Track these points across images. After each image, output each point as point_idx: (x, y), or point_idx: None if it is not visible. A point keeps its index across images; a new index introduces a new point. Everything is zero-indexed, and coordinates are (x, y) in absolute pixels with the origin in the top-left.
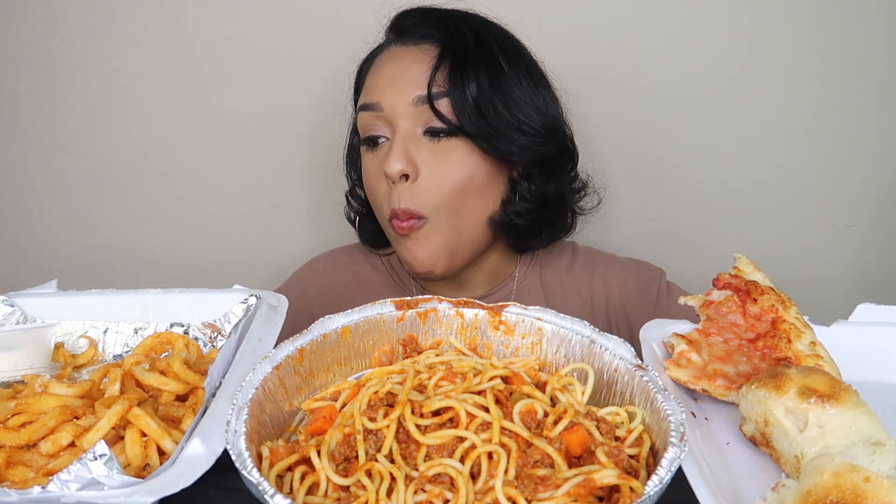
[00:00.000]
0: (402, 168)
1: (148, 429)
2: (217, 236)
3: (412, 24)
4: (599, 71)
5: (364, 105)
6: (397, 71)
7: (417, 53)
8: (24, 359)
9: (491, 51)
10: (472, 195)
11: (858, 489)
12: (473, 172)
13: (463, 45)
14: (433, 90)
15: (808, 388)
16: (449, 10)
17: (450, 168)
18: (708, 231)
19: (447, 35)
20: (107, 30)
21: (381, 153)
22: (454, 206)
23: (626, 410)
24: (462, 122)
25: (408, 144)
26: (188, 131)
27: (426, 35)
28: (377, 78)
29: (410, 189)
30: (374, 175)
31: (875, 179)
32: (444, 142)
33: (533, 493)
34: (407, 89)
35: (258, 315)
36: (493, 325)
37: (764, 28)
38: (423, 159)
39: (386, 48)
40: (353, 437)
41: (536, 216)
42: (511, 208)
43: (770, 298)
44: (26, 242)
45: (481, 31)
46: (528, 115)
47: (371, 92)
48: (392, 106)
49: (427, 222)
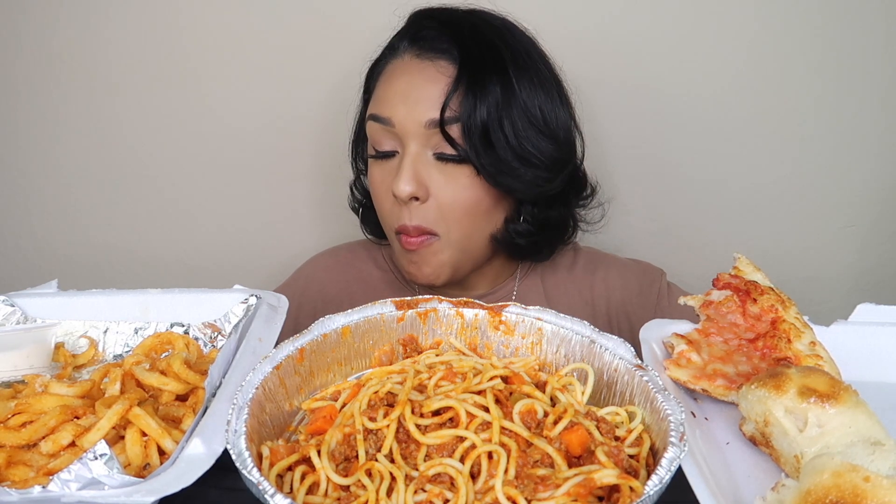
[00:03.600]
0: (411, 191)
1: (148, 428)
2: (217, 236)
3: (430, 35)
4: (600, 71)
5: (375, 116)
6: (411, 88)
7: (433, 71)
8: (25, 359)
9: (506, 70)
10: (480, 216)
11: (858, 489)
12: (482, 196)
13: (478, 67)
14: (446, 114)
15: (808, 388)
16: (467, 16)
17: (458, 191)
18: (708, 231)
19: (464, 53)
20: (108, 30)
21: (389, 166)
22: (462, 227)
23: (625, 410)
24: (469, 154)
25: (417, 165)
26: (189, 131)
27: (443, 50)
28: (389, 90)
29: (420, 208)
30: (380, 185)
31: (875, 179)
32: (454, 166)
33: (533, 493)
34: (420, 110)
35: (258, 315)
36: (493, 325)
37: (764, 28)
38: (432, 180)
39: (400, 55)
40: (354, 437)
41: (538, 238)
42: (513, 227)
43: (770, 298)
44: (26, 242)
45: (497, 44)
46: (537, 146)
47: (383, 104)
48: (403, 124)
49: (437, 239)
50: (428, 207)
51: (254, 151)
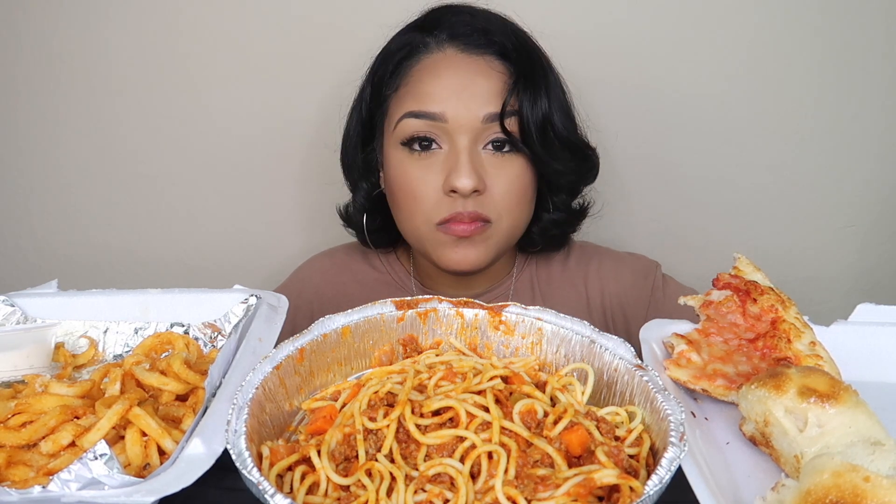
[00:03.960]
0: (474, 184)
1: (148, 428)
2: (217, 236)
3: (467, 31)
4: (600, 70)
5: (420, 113)
6: (463, 83)
7: (482, 66)
8: (25, 359)
9: (549, 65)
10: (527, 205)
11: (858, 489)
12: (529, 185)
13: (528, 61)
14: (506, 108)
15: (808, 388)
16: (489, 13)
17: (511, 180)
18: (708, 231)
19: (508, 48)
20: (108, 30)
21: (431, 161)
22: (513, 215)
23: (625, 410)
24: (527, 142)
25: (473, 158)
26: (189, 132)
27: (486, 45)
28: (436, 86)
29: (476, 198)
30: (420, 182)
31: (875, 180)
32: (505, 157)
33: (533, 493)
34: (476, 105)
35: (258, 315)
36: (493, 325)
37: (764, 28)
38: (486, 172)
39: (440, 50)
40: (354, 437)
41: (567, 226)
42: (549, 216)
43: (770, 298)
44: (26, 242)
45: (533, 41)
46: (576, 135)
47: (430, 100)
48: (457, 119)
49: (490, 226)
50: (482, 198)
51: (254, 152)
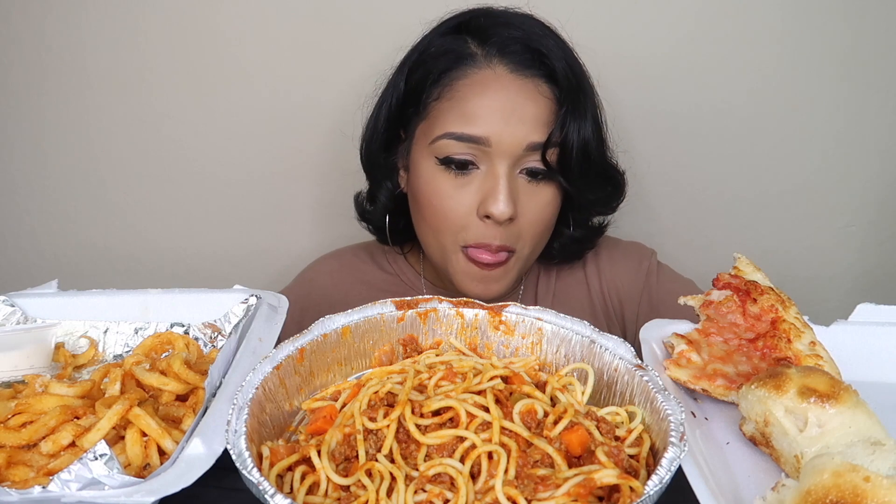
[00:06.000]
0: (511, 213)
1: (148, 429)
2: (218, 236)
3: (518, 49)
4: (600, 71)
5: (463, 136)
6: (512, 106)
7: (531, 89)
8: (25, 359)
9: (592, 91)
10: (549, 230)
11: (858, 489)
12: (556, 210)
13: (577, 91)
14: (551, 139)
15: (808, 388)
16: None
17: (542, 208)
18: (708, 231)
19: (559, 73)
20: (108, 30)
21: (467, 181)
22: (536, 242)
23: (626, 410)
24: (564, 174)
25: (511, 184)
26: (190, 131)
27: (534, 66)
28: (483, 108)
29: (506, 225)
30: (449, 199)
31: (875, 180)
32: (538, 185)
33: (533, 493)
34: (521, 132)
35: (258, 315)
36: (493, 325)
37: (764, 30)
38: (518, 200)
39: (488, 66)
40: (354, 437)
41: (587, 244)
42: (569, 234)
43: (770, 298)
44: (26, 242)
45: (578, 61)
46: (611, 162)
47: (475, 122)
48: (500, 144)
49: (513, 256)
50: (512, 225)
51: (255, 152)
